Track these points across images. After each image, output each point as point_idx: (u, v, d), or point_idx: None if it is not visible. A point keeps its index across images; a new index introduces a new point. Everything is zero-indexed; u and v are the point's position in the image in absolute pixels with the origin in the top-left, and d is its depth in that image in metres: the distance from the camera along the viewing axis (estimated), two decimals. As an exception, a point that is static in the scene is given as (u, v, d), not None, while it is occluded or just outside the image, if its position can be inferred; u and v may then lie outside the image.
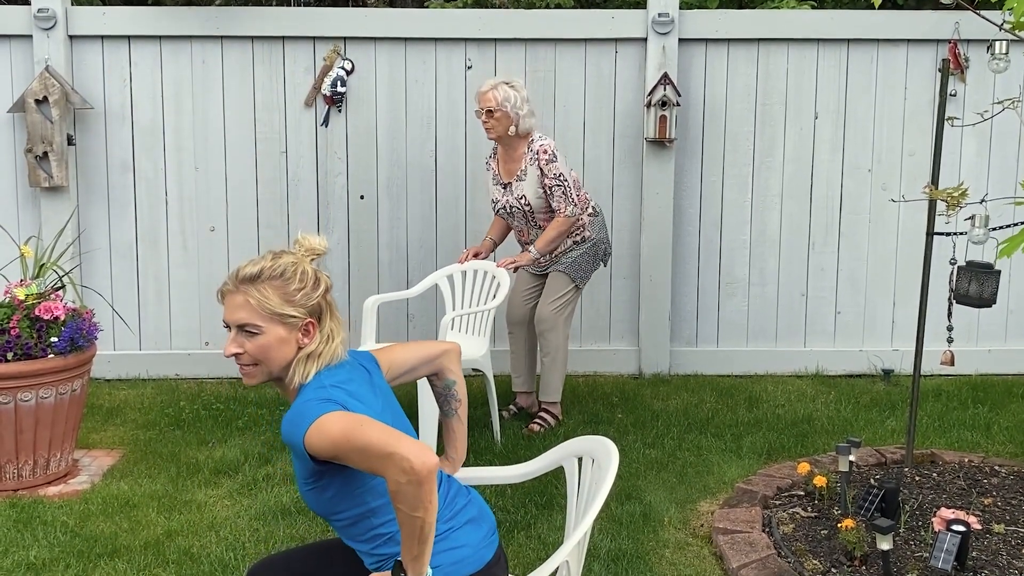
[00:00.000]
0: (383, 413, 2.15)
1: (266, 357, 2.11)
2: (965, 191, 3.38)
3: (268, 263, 2.14)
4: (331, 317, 2.18)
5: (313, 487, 2.10)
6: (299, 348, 2.13)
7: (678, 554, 3.46)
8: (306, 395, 2.08)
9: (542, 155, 4.54)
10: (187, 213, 5.55)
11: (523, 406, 4.98)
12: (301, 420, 2.00)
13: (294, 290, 2.11)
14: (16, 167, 5.43)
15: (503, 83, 4.56)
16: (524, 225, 4.72)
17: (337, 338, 2.17)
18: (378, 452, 1.90)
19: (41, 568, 3.31)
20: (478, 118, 4.63)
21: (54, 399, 3.94)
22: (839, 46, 5.54)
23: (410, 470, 1.86)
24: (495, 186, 4.75)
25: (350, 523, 2.14)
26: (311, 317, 2.13)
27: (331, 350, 2.15)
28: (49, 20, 5.27)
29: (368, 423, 1.95)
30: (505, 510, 3.76)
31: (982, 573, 3.16)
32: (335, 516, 2.15)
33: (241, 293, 2.12)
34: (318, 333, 2.14)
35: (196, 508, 3.80)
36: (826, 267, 5.69)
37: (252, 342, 2.11)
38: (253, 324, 2.10)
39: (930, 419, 4.82)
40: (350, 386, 2.12)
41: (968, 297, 3.62)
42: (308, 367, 2.13)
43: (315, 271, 2.17)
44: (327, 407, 2.00)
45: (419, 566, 1.95)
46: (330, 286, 2.20)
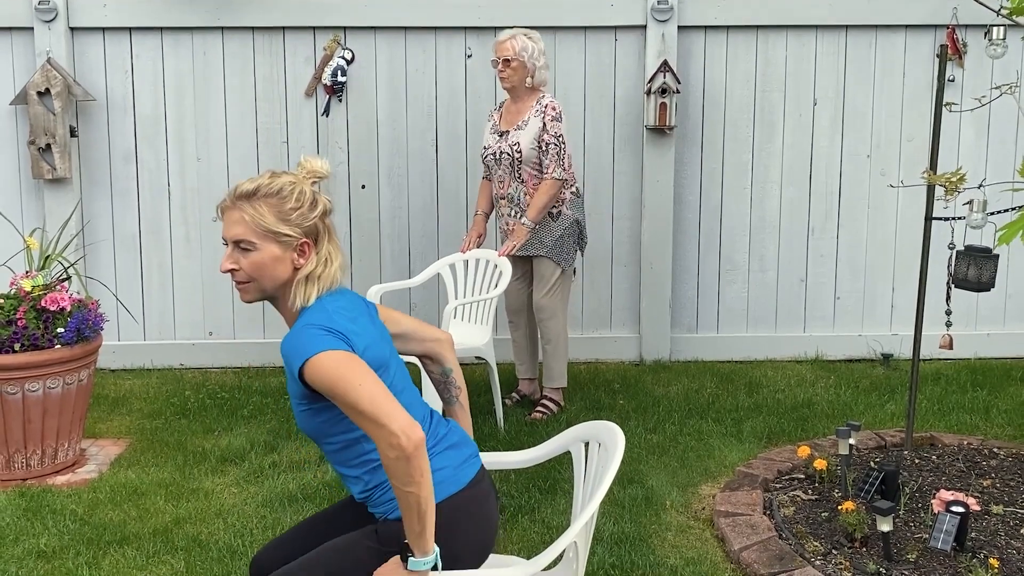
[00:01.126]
0: (381, 347, 2.16)
1: (260, 274, 2.11)
2: (963, 176, 3.41)
3: (265, 180, 2.15)
4: (329, 240, 2.17)
5: (306, 409, 2.11)
6: (295, 269, 2.13)
7: (680, 537, 3.50)
8: (309, 318, 2.08)
9: (549, 110, 4.57)
10: (189, 203, 5.57)
11: (526, 393, 5.02)
12: (302, 348, 2.01)
13: (289, 209, 2.11)
14: (19, 159, 5.45)
15: (521, 33, 4.61)
16: (507, 175, 4.68)
17: (335, 262, 2.16)
18: (369, 418, 1.94)
19: (52, 556, 3.35)
20: (494, 68, 4.66)
21: (61, 389, 3.98)
22: (838, 32, 5.56)
23: (398, 446, 1.90)
24: (491, 134, 4.76)
25: (341, 447, 2.14)
26: (307, 237, 2.13)
27: (330, 274, 2.15)
28: (50, 12, 5.29)
29: (365, 383, 1.96)
30: (509, 495, 3.80)
31: (981, 553, 3.20)
32: (326, 439, 2.15)
33: (237, 209, 2.12)
34: (314, 254, 2.14)
35: (203, 496, 3.84)
36: (825, 252, 5.72)
37: (247, 258, 2.11)
38: (247, 240, 2.11)
39: (929, 402, 4.86)
40: (351, 312, 2.14)
41: (967, 281, 3.65)
42: (308, 290, 2.13)
43: (314, 193, 2.16)
44: (329, 342, 2.00)
45: (423, 543, 1.98)
46: (329, 209, 2.18)
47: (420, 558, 1.99)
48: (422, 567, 1.99)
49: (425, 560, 1.99)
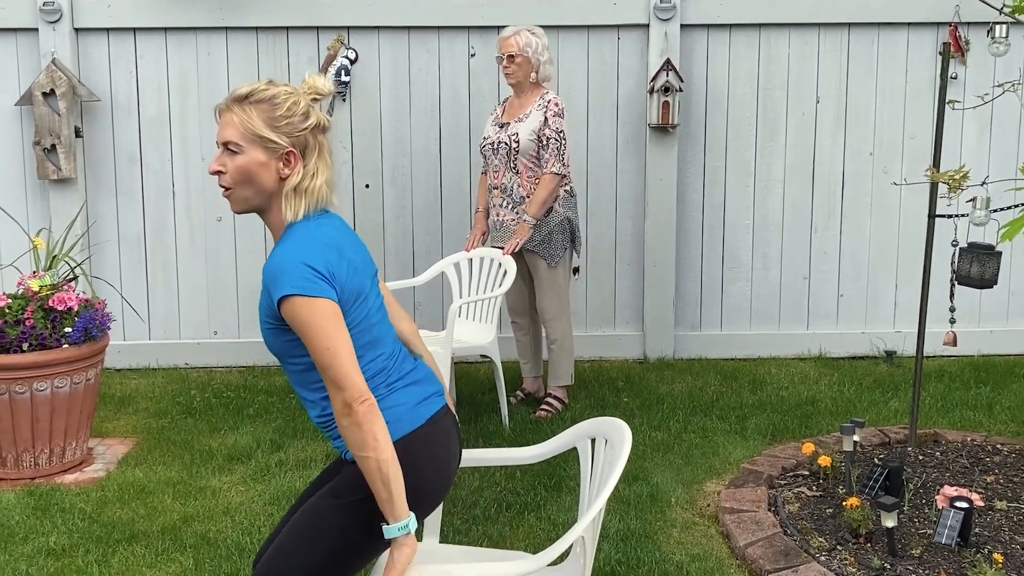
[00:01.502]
0: (362, 273, 2.17)
1: (244, 179, 2.12)
2: (966, 174, 3.43)
3: (262, 86, 2.15)
4: (318, 156, 2.16)
5: (273, 328, 2.12)
6: (281, 180, 2.13)
7: (685, 533, 3.52)
8: (295, 245, 2.07)
9: (552, 106, 4.60)
10: (194, 204, 5.59)
11: (530, 391, 5.04)
12: (284, 280, 2.01)
13: (279, 116, 2.12)
14: (24, 160, 5.47)
15: (525, 29, 4.65)
16: (502, 165, 4.68)
17: (321, 177, 2.15)
18: (330, 374, 1.99)
19: (61, 553, 3.37)
20: (499, 64, 4.69)
21: (69, 388, 4.00)
22: (840, 30, 5.57)
23: (351, 413, 1.96)
24: (491, 126, 4.79)
25: (304, 369, 2.15)
26: (294, 147, 2.13)
27: (315, 188, 2.14)
28: (55, 13, 5.31)
29: (333, 345, 1.98)
30: (515, 492, 3.82)
31: (985, 548, 3.21)
32: (290, 359, 2.16)
33: (230, 111, 2.13)
34: (300, 166, 2.13)
35: (211, 494, 3.86)
36: (828, 250, 5.73)
37: (232, 161, 2.12)
38: (235, 143, 2.11)
39: (933, 399, 4.87)
40: (338, 240, 2.14)
41: (970, 278, 3.66)
42: (296, 204, 2.13)
43: (309, 105, 2.16)
44: (313, 286, 2.00)
45: (394, 509, 1.98)
46: (324, 125, 2.18)
47: (394, 524, 1.99)
48: (397, 533, 1.99)
49: (400, 526, 1.99)
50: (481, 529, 3.53)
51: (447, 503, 3.64)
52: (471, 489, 3.85)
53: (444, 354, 4.34)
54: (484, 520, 3.60)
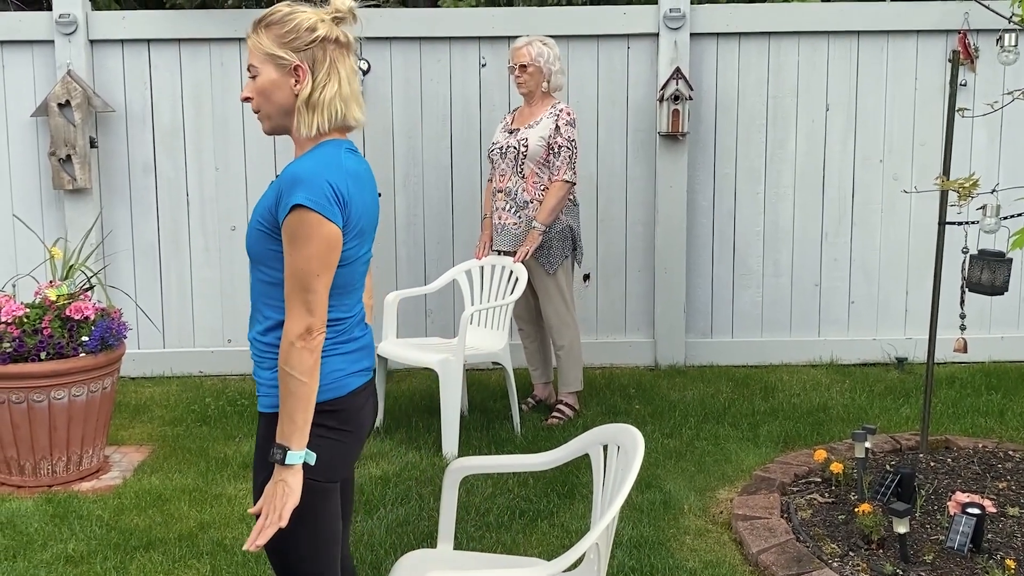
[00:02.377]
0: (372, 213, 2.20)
1: (265, 99, 2.17)
2: (976, 181, 3.44)
3: (276, 8, 2.20)
4: (329, 68, 2.16)
5: (264, 231, 2.13)
6: (295, 96, 2.16)
7: (699, 540, 3.54)
8: (321, 159, 2.10)
9: (564, 114, 4.64)
10: (208, 213, 5.64)
11: (542, 398, 5.06)
12: (303, 186, 2.03)
13: (285, 32, 2.15)
14: (40, 170, 5.53)
15: (537, 40, 4.69)
16: (509, 169, 4.72)
17: (331, 89, 2.15)
18: (305, 298, 2.02)
19: (80, 560, 3.41)
20: (511, 74, 4.73)
21: (86, 397, 4.04)
22: (849, 38, 5.60)
23: (310, 339, 2.01)
24: (501, 132, 4.83)
25: (273, 283, 2.14)
26: (301, 61, 2.15)
27: (326, 101, 2.15)
28: (70, 25, 5.37)
29: (321, 274, 2.03)
30: (528, 499, 3.84)
31: (998, 555, 3.22)
32: (261, 266, 2.16)
33: (249, 37, 2.20)
34: (309, 79, 2.15)
35: (227, 501, 3.89)
36: (839, 257, 5.75)
37: (254, 84, 2.18)
38: (252, 65, 2.18)
39: (944, 406, 4.88)
40: (360, 177, 2.16)
41: (980, 285, 3.68)
42: (309, 118, 2.15)
43: (320, 21, 2.16)
44: (327, 206, 2.03)
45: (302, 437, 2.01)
46: (336, 38, 2.17)
47: (297, 451, 2.02)
48: (297, 460, 2.02)
49: (300, 454, 2.02)
50: (495, 536, 3.55)
51: (461, 510, 3.66)
52: (484, 496, 3.88)
53: (456, 361, 4.37)
54: (497, 527, 3.62)
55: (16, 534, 3.60)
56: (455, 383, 4.35)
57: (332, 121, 2.17)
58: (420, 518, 3.71)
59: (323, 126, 2.16)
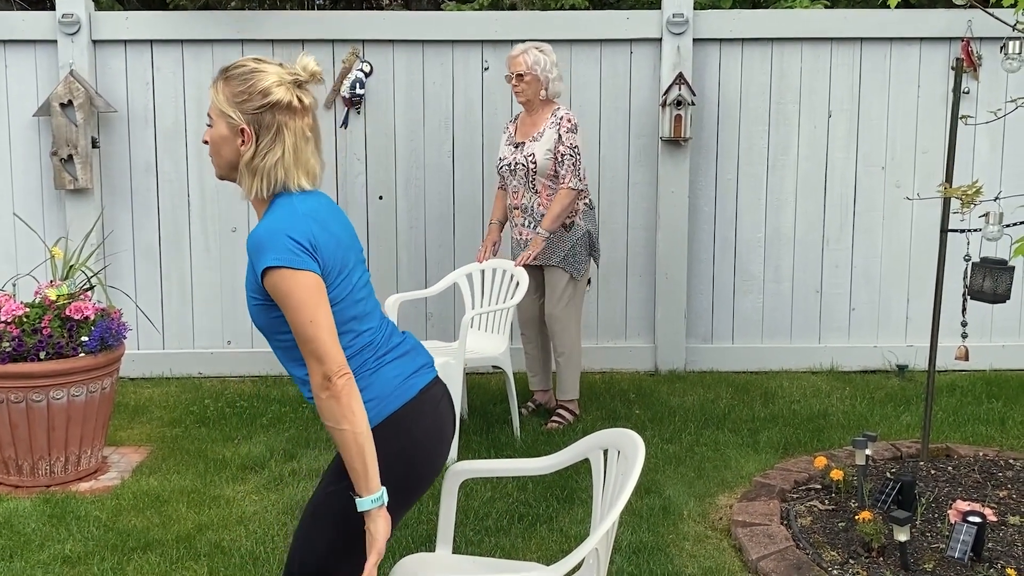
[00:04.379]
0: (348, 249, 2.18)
1: (214, 151, 2.19)
2: (979, 189, 3.43)
3: (243, 61, 2.20)
4: (275, 136, 2.14)
5: (260, 304, 2.14)
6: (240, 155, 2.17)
7: (698, 546, 3.52)
8: (278, 217, 2.10)
9: (565, 122, 4.62)
10: (209, 214, 5.64)
11: (541, 403, 5.05)
12: (267, 250, 2.04)
13: (239, 92, 2.14)
14: (42, 170, 5.52)
15: (533, 47, 4.66)
16: (521, 186, 4.73)
17: (274, 157, 2.13)
18: (310, 347, 2.01)
19: (77, 561, 3.39)
20: (508, 83, 4.71)
21: (85, 397, 4.03)
22: (853, 45, 5.59)
23: (329, 387, 1.98)
24: (506, 146, 4.82)
25: (291, 345, 2.16)
26: (247, 125, 2.14)
27: (266, 168, 2.13)
28: (73, 25, 5.36)
29: (316, 318, 2.01)
30: (527, 504, 3.83)
31: (998, 563, 3.21)
32: (276, 335, 2.17)
33: (213, 85, 2.21)
34: (253, 144, 2.14)
35: (225, 503, 3.88)
36: (840, 264, 5.74)
37: (208, 133, 2.21)
38: (208, 115, 2.20)
39: (945, 414, 4.87)
40: (322, 216, 2.15)
41: (983, 293, 3.67)
42: (248, 181, 2.16)
43: (280, 84, 2.15)
44: (295, 258, 2.03)
45: (367, 482, 2.01)
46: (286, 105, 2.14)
47: (366, 496, 2.01)
48: (370, 506, 2.01)
49: (372, 498, 2.01)
50: (493, 540, 3.54)
51: (459, 514, 3.65)
52: (483, 500, 3.87)
53: (457, 365, 4.36)
54: (496, 531, 3.61)
55: (13, 534, 3.59)
56: (455, 387, 4.34)
57: (271, 187, 2.16)
58: (419, 521, 3.70)
59: (262, 191, 2.16)
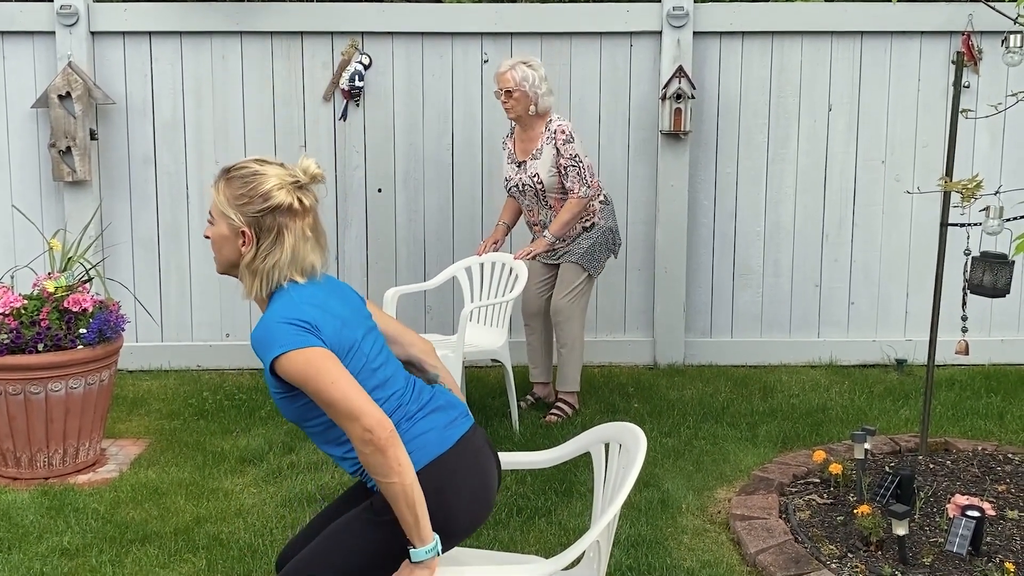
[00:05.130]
0: (355, 325, 2.19)
1: (215, 248, 2.23)
2: (980, 183, 3.43)
3: (245, 163, 2.23)
4: (276, 238, 2.17)
5: (283, 396, 2.16)
6: (241, 256, 2.19)
7: (696, 540, 3.53)
8: (275, 311, 2.12)
9: (559, 135, 4.61)
10: (207, 207, 5.60)
11: (540, 396, 5.05)
12: (271, 342, 2.06)
13: (240, 194, 2.17)
14: (40, 161, 5.51)
15: (521, 63, 4.64)
16: (535, 204, 4.76)
17: (273, 259, 2.16)
18: (341, 412, 2.00)
19: (75, 553, 3.39)
20: (497, 99, 4.70)
21: (83, 389, 4.03)
22: (853, 39, 5.58)
23: (371, 441, 1.97)
24: (509, 164, 4.81)
25: (323, 429, 2.18)
26: (247, 227, 2.17)
27: (265, 269, 2.16)
28: (71, 17, 5.35)
29: (337, 381, 2.01)
30: (525, 497, 3.83)
31: (996, 558, 3.21)
32: (307, 423, 2.20)
33: (215, 184, 2.24)
34: (253, 246, 2.17)
35: (223, 496, 3.88)
36: (840, 258, 5.74)
37: (208, 230, 2.24)
38: (210, 214, 2.24)
39: (943, 408, 4.87)
40: (320, 300, 2.17)
41: (982, 287, 3.67)
42: (250, 282, 2.18)
43: (276, 187, 2.17)
44: (298, 339, 2.05)
45: (420, 532, 2.02)
46: (287, 208, 2.17)
47: (420, 547, 2.02)
48: (424, 556, 2.02)
49: (427, 549, 2.02)
50: (492, 533, 3.54)
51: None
52: (482, 493, 3.86)
53: (455, 358, 4.35)
54: (495, 524, 3.61)
55: (11, 526, 3.59)
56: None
57: (269, 287, 2.18)
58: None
59: (260, 291, 2.18)
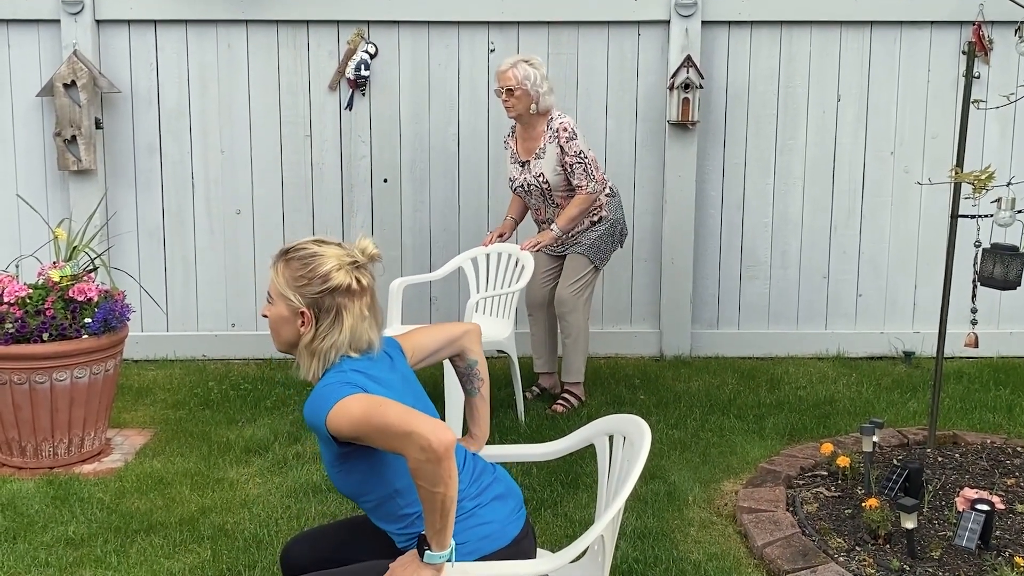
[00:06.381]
0: (404, 395, 2.22)
1: (274, 327, 2.25)
2: (992, 174, 3.40)
3: (303, 243, 2.25)
4: (334, 318, 2.19)
5: (340, 469, 2.19)
6: (300, 336, 2.22)
7: (703, 532, 3.51)
8: (326, 380, 2.17)
9: (562, 133, 4.58)
10: (213, 196, 5.61)
11: (546, 387, 5.03)
12: (323, 403, 2.08)
13: (300, 276, 2.20)
14: (45, 150, 5.49)
15: (522, 61, 4.60)
16: (541, 203, 4.74)
17: (331, 340, 2.19)
18: (397, 431, 1.98)
19: (80, 543, 3.39)
20: (498, 97, 4.67)
21: (88, 379, 4.02)
22: (862, 28, 5.54)
23: (428, 448, 1.94)
24: (513, 164, 4.79)
25: (377, 503, 2.21)
26: (307, 308, 2.19)
27: (323, 350, 2.19)
28: (76, 5, 5.32)
29: (387, 404, 2.03)
30: (531, 488, 3.82)
31: (1006, 552, 3.19)
32: (363, 498, 2.22)
33: (274, 265, 2.26)
34: (312, 327, 2.19)
35: (228, 486, 3.87)
36: (848, 250, 5.70)
37: (267, 309, 2.26)
38: (269, 294, 2.26)
39: (952, 401, 4.84)
40: (371, 371, 2.20)
41: (993, 279, 3.63)
42: (308, 362, 2.21)
43: (340, 267, 2.19)
44: (347, 389, 2.08)
45: (442, 539, 2.02)
46: (345, 288, 2.19)
47: (437, 551, 2.03)
48: (438, 560, 2.04)
49: (441, 554, 2.04)
50: (497, 525, 3.53)
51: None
52: (487, 485, 3.85)
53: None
54: (500, 516, 3.60)
55: (17, 516, 3.59)
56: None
57: (326, 365, 2.20)
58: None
59: (318, 372, 2.20)
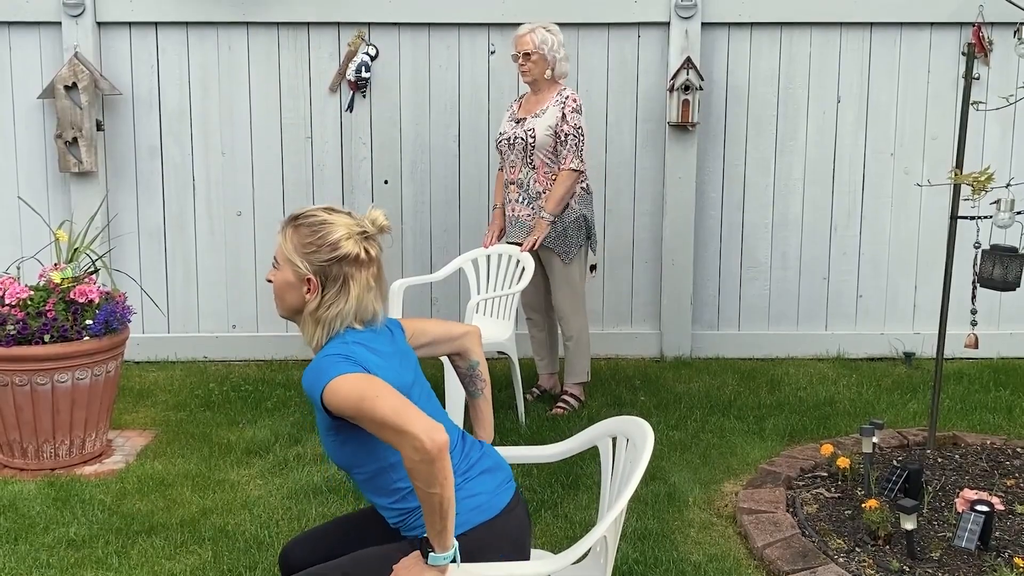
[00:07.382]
0: (402, 371, 2.21)
1: (278, 294, 2.25)
2: (991, 175, 3.41)
3: (313, 210, 2.24)
4: (341, 287, 2.19)
5: (334, 439, 2.18)
6: (304, 303, 2.21)
7: (703, 533, 3.51)
8: (328, 350, 2.16)
9: (570, 102, 4.59)
10: (214, 198, 5.61)
11: (546, 388, 5.04)
12: (320, 374, 2.08)
13: (308, 243, 2.19)
14: (46, 152, 5.50)
15: (540, 27, 4.63)
16: (519, 160, 4.68)
17: (337, 308, 2.18)
18: (391, 427, 1.98)
19: (81, 544, 3.39)
20: (514, 62, 4.68)
21: (89, 380, 4.02)
22: (862, 30, 5.54)
23: (422, 449, 1.94)
24: (508, 122, 4.78)
25: (370, 476, 2.20)
26: (314, 275, 2.19)
27: (329, 318, 2.19)
28: (78, 7, 5.33)
29: (384, 395, 2.01)
30: (532, 490, 3.82)
31: (1006, 552, 3.20)
32: (355, 469, 2.21)
33: (282, 230, 2.25)
34: (319, 294, 2.19)
35: (229, 487, 3.88)
36: (848, 251, 5.71)
37: (272, 274, 2.26)
38: (275, 259, 2.26)
39: (952, 401, 4.85)
40: (372, 343, 2.19)
41: (992, 280, 3.64)
42: (312, 330, 2.20)
43: (348, 236, 2.19)
44: (346, 367, 2.07)
45: (444, 540, 2.03)
46: (354, 258, 2.20)
47: (440, 553, 2.03)
48: (441, 562, 2.04)
49: (445, 555, 2.04)
50: (498, 526, 3.53)
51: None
52: (488, 486, 3.86)
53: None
54: (501, 517, 3.60)
55: (18, 517, 3.59)
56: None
57: (329, 334, 2.20)
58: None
59: (322, 340, 2.20)
